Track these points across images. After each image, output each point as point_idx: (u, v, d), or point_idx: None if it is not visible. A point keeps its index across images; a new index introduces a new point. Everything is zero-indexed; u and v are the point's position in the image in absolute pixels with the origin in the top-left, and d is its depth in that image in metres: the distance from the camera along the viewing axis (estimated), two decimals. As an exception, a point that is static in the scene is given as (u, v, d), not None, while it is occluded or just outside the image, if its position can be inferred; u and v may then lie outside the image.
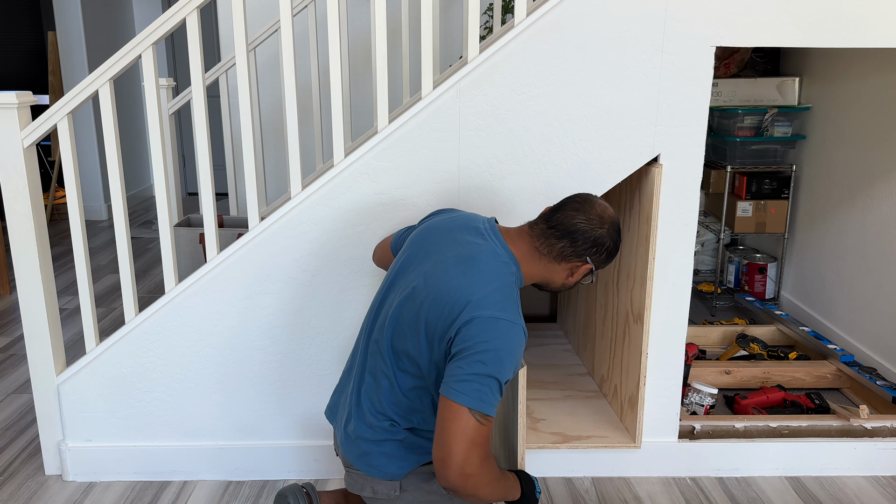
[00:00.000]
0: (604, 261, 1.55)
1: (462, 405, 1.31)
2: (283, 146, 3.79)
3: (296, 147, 2.05)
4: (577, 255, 1.51)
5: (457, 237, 1.53)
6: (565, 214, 1.52)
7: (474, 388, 1.32)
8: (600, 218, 1.51)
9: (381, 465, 1.52)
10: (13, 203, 2.05)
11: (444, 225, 1.59)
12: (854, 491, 2.22)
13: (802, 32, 1.96)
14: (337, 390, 1.69)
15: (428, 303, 1.43)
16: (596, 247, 1.51)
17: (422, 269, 1.50)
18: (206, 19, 6.18)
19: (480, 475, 1.36)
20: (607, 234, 1.52)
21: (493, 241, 1.51)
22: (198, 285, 2.10)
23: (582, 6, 1.92)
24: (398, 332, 1.48)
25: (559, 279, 1.55)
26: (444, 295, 1.41)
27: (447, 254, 1.49)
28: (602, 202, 1.55)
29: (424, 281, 1.47)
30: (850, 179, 3.07)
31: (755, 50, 3.64)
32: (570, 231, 1.50)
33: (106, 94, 2.01)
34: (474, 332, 1.36)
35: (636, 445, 2.24)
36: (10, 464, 2.36)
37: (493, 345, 1.35)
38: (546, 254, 1.51)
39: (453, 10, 3.72)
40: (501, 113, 1.99)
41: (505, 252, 1.50)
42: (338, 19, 2.01)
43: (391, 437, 1.52)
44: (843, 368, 2.74)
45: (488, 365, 1.34)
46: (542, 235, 1.52)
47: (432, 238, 1.57)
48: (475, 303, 1.38)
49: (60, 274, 4.29)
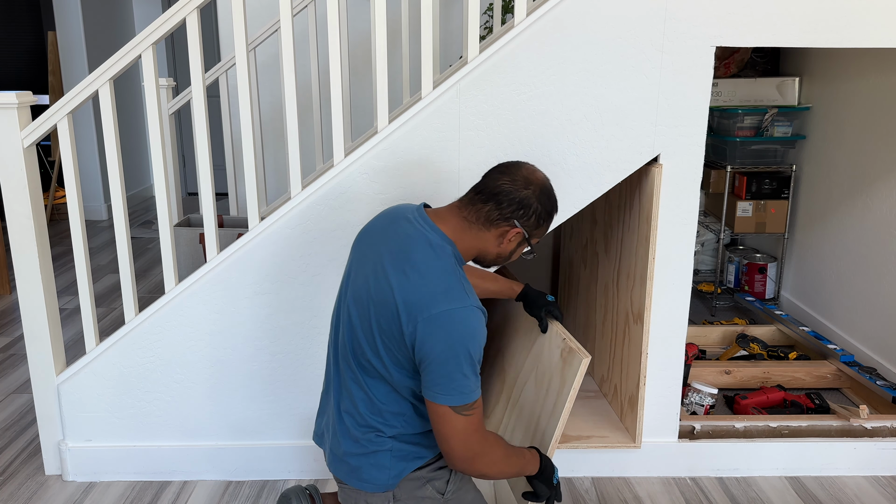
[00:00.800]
0: (534, 225, 1.50)
1: (445, 405, 1.36)
2: (283, 146, 3.79)
3: (296, 147, 2.05)
4: (504, 219, 1.47)
5: (388, 232, 1.51)
6: (490, 178, 1.50)
7: (450, 386, 1.36)
8: (525, 179, 1.48)
9: (372, 478, 1.51)
10: (13, 203, 2.05)
11: (375, 224, 1.57)
12: (854, 491, 2.22)
13: (802, 32, 1.96)
14: (319, 413, 1.68)
15: (375, 309, 1.43)
16: (522, 208, 1.47)
17: (363, 274, 1.49)
18: (206, 19, 6.18)
19: (485, 455, 1.41)
20: (533, 195, 1.47)
21: (423, 226, 1.47)
22: (198, 285, 2.10)
23: (582, 6, 1.93)
24: (356, 341, 1.48)
25: (492, 248, 1.51)
26: (389, 298, 1.40)
27: (382, 253, 1.47)
28: (531, 166, 1.53)
29: (366, 287, 1.46)
30: (849, 179, 3.07)
31: (755, 50, 3.64)
32: (494, 193, 1.46)
33: (106, 94, 2.01)
34: (429, 332, 1.36)
35: (636, 445, 2.24)
36: (10, 464, 2.36)
37: (453, 338, 1.36)
38: (475, 221, 1.48)
39: (453, 10, 3.72)
40: (501, 113, 1.99)
41: (436, 234, 1.46)
42: (338, 19, 2.01)
43: (378, 447, 1.50)
44: (843, 368, 2.74)
45: (456, 359, 1.36)
46: (470, 203, 1.49)
47: (367, 241, 1.55)
48: (421, 301, 1.37)
49: (60, 274, 4.29)
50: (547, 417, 1.80)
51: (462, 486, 1.59)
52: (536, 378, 1.92)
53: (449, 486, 1.56)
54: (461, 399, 1.36)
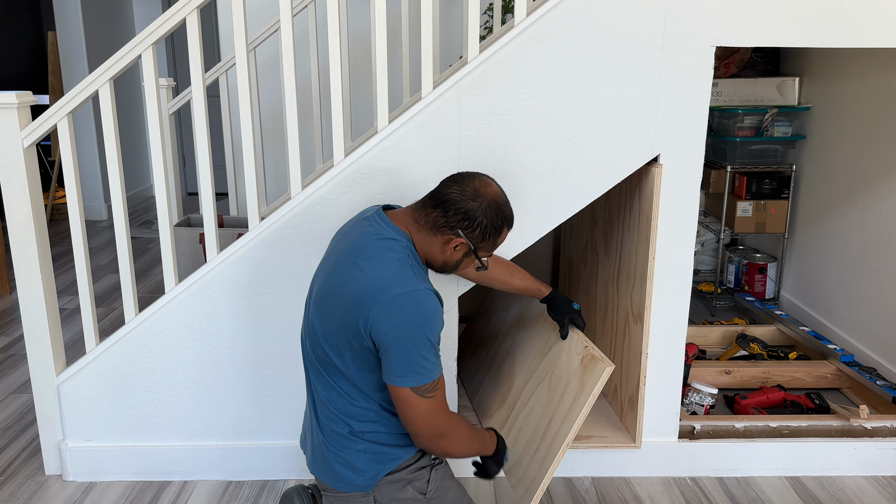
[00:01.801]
0: (479, 238, 1.52)
1: (405, 387, 1.40)
2: (283, 146, 3.79)
3: (296, 147, 2.05)
4: (448, 227, 1.50)
5: (349, 234, 1.56)
6: (443, 184, 1.54)
7: (409, 368, 1.39)
8: (475, 191, 1.50)
9: (348, 478, 1.53)
10: (13, 203, 2.05)
11: (343, 228, 1.63)
12: (854, 491, 2.22)
13: (802, 32, 1.96)
14: (304, 418, 1.71)
15: (332, 306, 1.46)
16: (467, 219, 1.49)
17: (324, 273, 1.54)
18: (206, 19, 6.18)
19: (449, 435, 1.47)
20: (479, 207, 1.49)
21: (378, 224, 1.52)
22: (198, 285, 2.10)
23: (582, 6, 1.92)
24: (318, 343, 1.51)
25: (438, 254, 1.53)
26: (344, 292, 1.44)
27: (341, 253, 1.52)
28: (486, 179, 1.55)
29: (325, 286, 1.50)
30: (849, 179, 3.07)
31: (755, 50, 3.64)
32: (443, 200, 1.50)
33: (106, 94, 2.01)
34: (383, 317, 1.38)
35: (636, 445, 2.24)
36: (10, 464, 2.36)
37: (408, 321, 1.38)
38: (423, 224, 1.51)
39: (453, 10, 3.72)
40: (501, 113, 1.99)
41: (390, 229, 1.50)
42: (338, 19, 2.01)
43: (352, 446, 1.53)
44: (843, 368, 2.74)
45: (412, 340, 1.39)
46: (422, 206, 1.53)
47: (331, 246, 1.60)
48: (373, 289, 1.40)
49: (60, 274, 4.29)
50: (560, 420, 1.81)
51: (444, 485, 1.60)
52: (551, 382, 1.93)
53: (430, 486, 1.57)
54: (421, 380, 1.40)
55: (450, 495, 1.61)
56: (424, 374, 1.40)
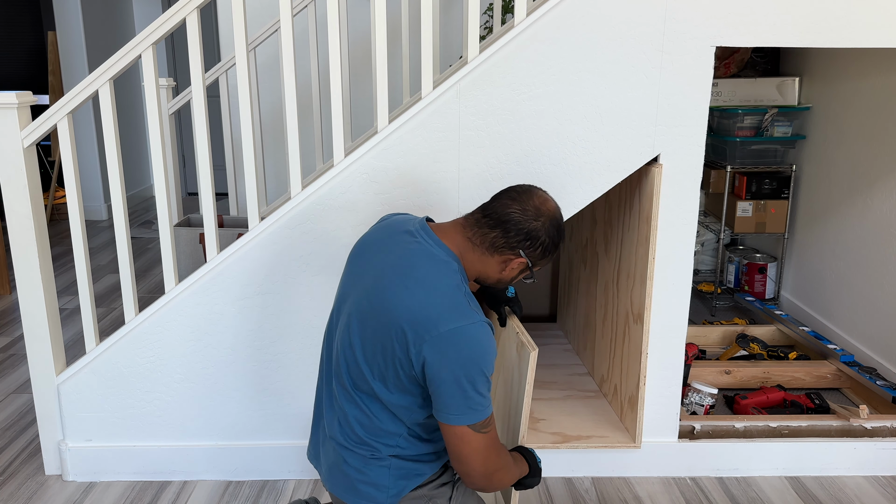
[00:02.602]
0: (539, 256, 1.45)
1: (462, 426, 1.32)
2: (283, 146, 3.79)
3: (296, 147, 2.05)
4: (509, 248, 1.43)
5: (387, 245, 1.45)
6: (500, 203, 1.44)
7: (466, 405, 1.32)
8: (537, 210, 1.43)
9: (371, 495, 1.45)
10: (13, 203, 2.05)
11: (375, 236, 1.51)
12: (854, 491, 2.22)
13: (802, 32, 1.96)
14: (313, 429, 1.61)
15: (377, 328, 1.37)
16: (529, 240, 1.42)
17: (363, 290, 1.43)
18: (206, 19, 6.18)
19: (501, 469, 1.39)
20: (542, 227, 1.42)
21: (427, 241, 1.42)
22: (198, 285, 2.10)
23: (582, 6, 1.93)
24: (355, 362, 1.42)
25: (494, 273, 1.47)
26: (393, 315, 1.35)
27: (384, 268, 1.41)
28: (543, 194, 1.47)
29: (369, 303, 1.39)
30: (849, 179, 3.07)
31: (755, 50, 3.64)
32: (503, 220, 1.41)
33: (106, 94, 2.01)
34: (438, 353, 1.31)
35: (636, 445, 2.24)
36: (10, 464, 2.36)
37: (464, 357, 1.31)
38: (479, 244, 1.43)
39: (453, 10, 3.72)
40: (501, 113, 1.99)
41: (441, 250, 1.41)
42: (338, 19, 2.01)
43: (376, 463, 1.45)
44: (843, 368, 2.74)
45: (469, 378, 1.32)
46: (476, 225, 1.44)
47: (365, 255, 1.49)
48: (429, 319, 1.32)
49: (60, 274, 4.29)
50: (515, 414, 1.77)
51: (465, 502, 1.54)
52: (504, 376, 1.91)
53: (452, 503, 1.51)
54: (477, 417, 1.33)
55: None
56: (480, 410, 1.33)
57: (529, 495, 2.17)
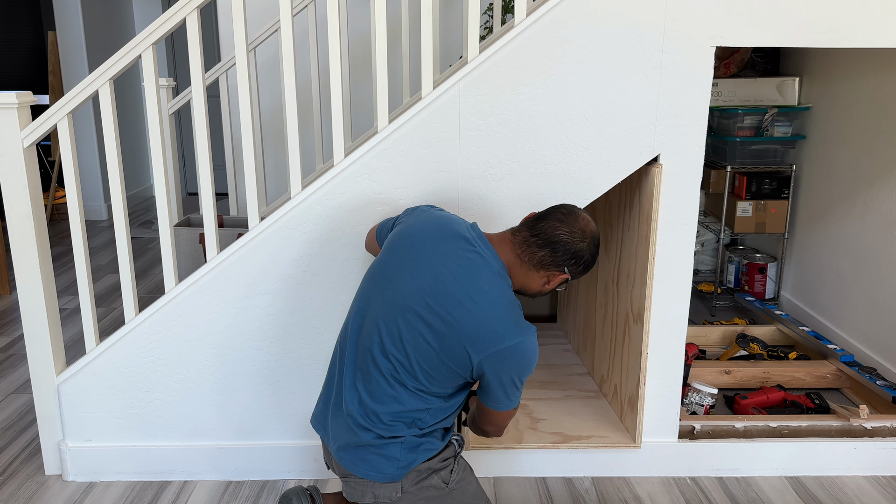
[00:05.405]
0: (580, 272, 1.61)
1: (506, 410, 1.57)
2: (283, 146, 3.79)
3: (296, 147, 2.05)
4: (555, 265, 1.57)
5: (445, 249, 1.55)
6: (549, 224, 1.57)
7: (507, 398, 1.54)
8: (582, 231, 1.57)
9: (381, 467, 1.54)
10: (13, 203, 2.05)
11: (424, 229, 1.61)
12: (854, 491, 2.22)
13: (802, 32, 1.96)
14: (322, 400, 1.68)
15: (441, 333, 1.48)
16: (575, 259, 1.57)
17: (419, 287, 1.52)
18: (206, 19, 6.18)
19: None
20: (587, 247, 1.57)
21: (485, 253, 1.55)
22: (198, 285, 2.10)
23: (582, 6, 1.92)
24: (397, 343, 1.51)
25: (536, 286, 1.61)
26: (459, 328, 1.47)
27: (445, 274, 1.52)
28: (585, 215, 1.61)
29: (428, 307, 1.50)
30: (849, 179, 3.07)
31: (755, 50, 3.64)
32: (552, 241, 1.55)
33: (106, 94, 2.01)
34: (498, 365, 1.48)
35: (636, 445, 2.24)
36: (10, 464, 2.36)
37: (520, 365, 1.49)
38: (527, 261, 1.57)
39: (453, 10, 3.72)
40: (501, 113, 1.99)
41: (497, 264, 1.55)
42: (338, 19, 2.01)
43: (394, 441, 1.54)
44: (843, 368, 2.74)
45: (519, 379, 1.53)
46: (525, 243, 1.57)
47: (417, 247, 1.58)
48: (494, 333, 1.46)
49: (60, 274, 4.29)
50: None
51: (465, 478, 1.63)
52: None
53: (453, 476, 1.60)
54: (512, 405, 1.57)
55: (469, 489, 1.64)
56: (514, 400, 1.56)
57: (529, 495, 2.17)
